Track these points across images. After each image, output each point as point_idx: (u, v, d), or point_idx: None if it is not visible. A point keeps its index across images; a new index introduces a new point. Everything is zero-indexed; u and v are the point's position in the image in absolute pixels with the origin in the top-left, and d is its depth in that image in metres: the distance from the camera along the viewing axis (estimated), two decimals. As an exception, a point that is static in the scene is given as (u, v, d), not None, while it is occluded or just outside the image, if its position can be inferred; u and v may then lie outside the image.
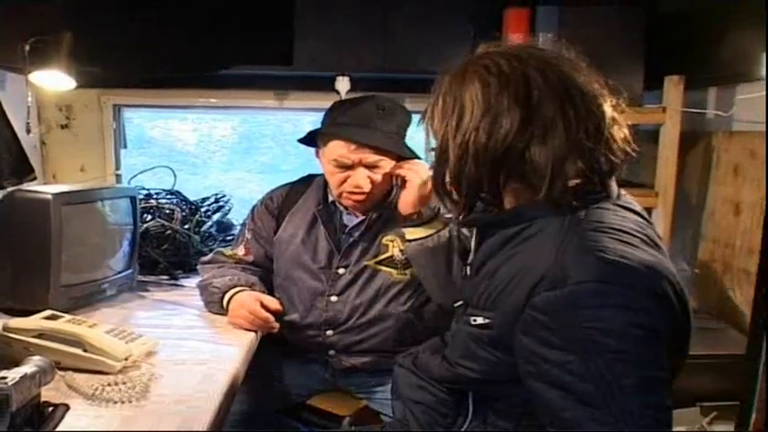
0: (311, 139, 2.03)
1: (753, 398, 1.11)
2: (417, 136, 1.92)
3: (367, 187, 1.92)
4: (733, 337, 2.18)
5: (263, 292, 2.03)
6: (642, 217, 1.21)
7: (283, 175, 2.28)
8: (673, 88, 2.38)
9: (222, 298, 1.98)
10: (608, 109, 1.18)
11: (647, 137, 2.56)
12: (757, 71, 2.05)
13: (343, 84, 2.72)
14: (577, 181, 1.15)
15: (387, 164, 1.92)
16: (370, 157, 1.90)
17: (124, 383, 1.45)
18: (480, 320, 1.23)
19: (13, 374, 1.16)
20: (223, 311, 1.98)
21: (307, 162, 2.10)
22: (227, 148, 4.63)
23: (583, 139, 1.14)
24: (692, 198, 2.62)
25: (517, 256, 1.17)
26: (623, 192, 1.25)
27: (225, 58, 2.73)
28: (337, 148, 1.91)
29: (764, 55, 2.01)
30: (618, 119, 1.20)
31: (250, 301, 1.94)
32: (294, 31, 2.62)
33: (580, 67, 1.21)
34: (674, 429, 2.00)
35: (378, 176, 1.93)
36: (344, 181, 1.94)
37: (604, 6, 2.39)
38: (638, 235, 1.13)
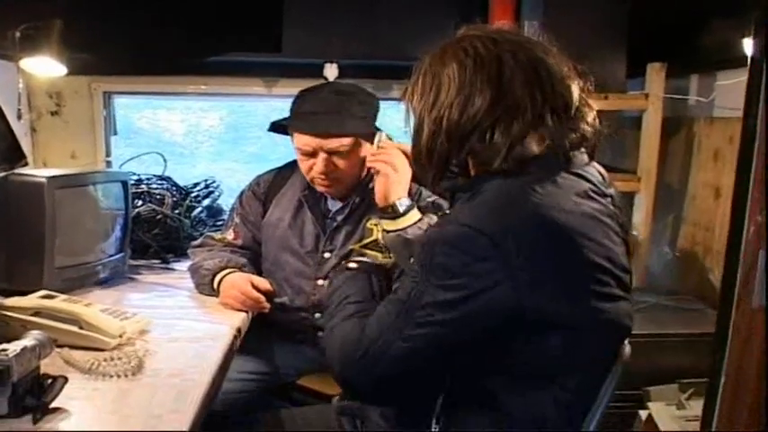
0: (281, 128, 2.05)
1: (719, 374, 1.14)
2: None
3: (330, 173, 1.95)
4: (711, 317, 2.22)
5: (253, 274, 2.06)
6: (597, 188, 1.22)
7: (271, 164, 2.29)
8: (655, 75, 2.42)
9: (213, 279, 2.01)
10: (576, 90, 1.23)
11: (631, 123, 2.61)
12: (737, 58, 2.09)
13: (331, 71, 2.73)
14: (542, 152, 1.19)
15: (351, 147, 1.93)
16: (330, 143, 1.92)
17: (119, 359, 1.48)
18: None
19: (14, 347, 1.19)
20: (214, 293, 2.01)
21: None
22: (215, 138, 4.66)
23: (548, 119, 1.19)
24: (674, 183, 2.67)
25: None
26: (594, 164, 1.27)
27: (215, 46, 2.76)
28: (299, 138, 1.94)
29: (743, 42, 2.05)
30: (586, 100, 1.25)
31: (241, 281, 1.97)
32: (283, 19, 2.64)
33: (551, 51, 1.25)
34: (652, 405, 2.07)
35: (342, 161, 1.95)
36: (312, 168, 1.97)
37: (589, -5, 2.43)
38: (566, 201, 1.15)
